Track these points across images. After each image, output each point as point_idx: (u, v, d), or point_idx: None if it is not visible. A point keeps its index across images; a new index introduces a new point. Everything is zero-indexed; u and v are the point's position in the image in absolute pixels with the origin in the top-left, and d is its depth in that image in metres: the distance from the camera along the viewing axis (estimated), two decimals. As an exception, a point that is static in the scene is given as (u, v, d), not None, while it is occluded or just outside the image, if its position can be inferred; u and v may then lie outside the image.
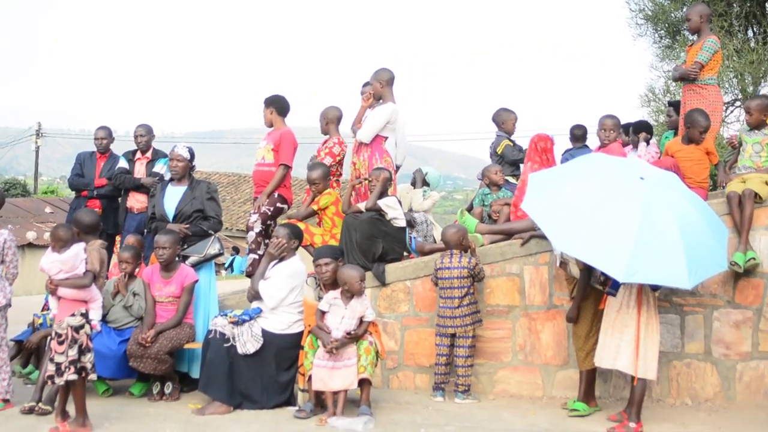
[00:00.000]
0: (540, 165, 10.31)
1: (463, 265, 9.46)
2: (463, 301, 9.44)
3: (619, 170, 8.39)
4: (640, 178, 8.08)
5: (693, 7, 11.03)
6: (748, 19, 17.97)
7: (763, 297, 9.54)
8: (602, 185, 8.10)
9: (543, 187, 8.40)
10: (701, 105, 10.31)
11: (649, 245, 7.62)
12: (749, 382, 9.56)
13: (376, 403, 8.96)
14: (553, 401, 9.62)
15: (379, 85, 10.90)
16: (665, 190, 8.14)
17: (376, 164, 10.61)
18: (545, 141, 10.66)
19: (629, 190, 7.97)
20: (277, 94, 11.19)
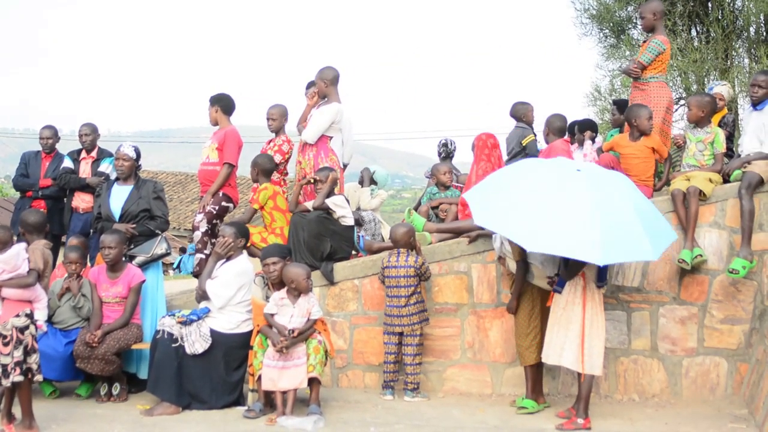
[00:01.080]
0: (487, 162, 10.35)
1: (410, 264, 9.47)
2: (410, 300, 9.45)
3: (555, 168, 8.49)
4: (577, 170, 8.22)
5: (647, 4, 11.09)
6: (691, 19, 18.15)
7: (708, 293, 9.65)
8: (546, 181, 8.18)
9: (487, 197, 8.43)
10: (646, 100, 10.41)
11: (612, 226, 7.76)
12: (695, 378, 9.67)
13: (325, 402, 8.95)
14: (502, 398, 9.66)
15: (323, 84, 10.87)
16: (601, 180, 8.29)
17: (321, 163, 10.59)
18: (493, 138, 10.72)
19: (573, 181, 8.09)
20: (223, 93, 11.14)
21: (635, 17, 18.62)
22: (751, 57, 17.96)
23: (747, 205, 9.40)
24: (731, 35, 17.68)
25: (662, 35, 10.66)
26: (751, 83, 10.02)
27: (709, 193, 9.59)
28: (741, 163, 9.76)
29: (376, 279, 9.88)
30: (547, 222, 7.82)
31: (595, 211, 7.80)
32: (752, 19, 17.47)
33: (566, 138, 11.02)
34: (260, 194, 10.41)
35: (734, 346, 9.63)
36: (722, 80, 15.16)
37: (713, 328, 9.65)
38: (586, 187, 8.02)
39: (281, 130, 11.33)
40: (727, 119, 11.21)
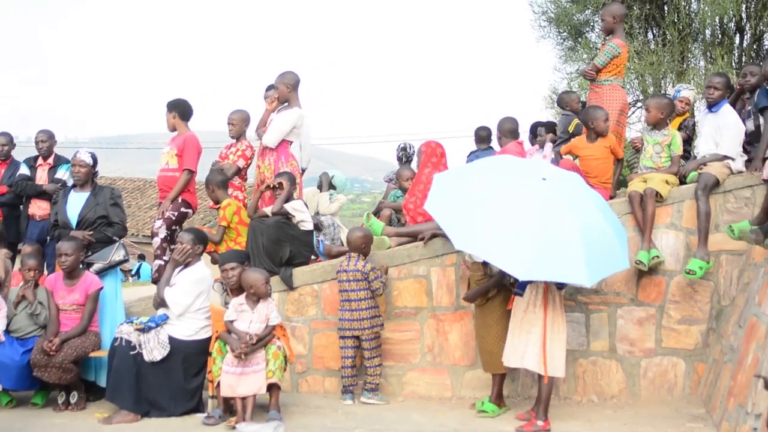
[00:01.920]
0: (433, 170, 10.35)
1: (358, 268, 9.48)
2: (360, 305, 9.45)
3: (522, 171, 8.50)
4: (542, 179, 8.21)
5: (606, 7, 11.16)
6: (647, 22, 18.31)
7: (665, 294, 9.72)
8: (504, 185, 8.20)
9: (446, 188, 8.43)
10: (600, 103, 10.48)
11: (547, 243, 7.75)
12: (653, 378, 9.73)
13: (285, 408, 8.92)
14: (462, 401, 9.67)
15: (285, 88, 10.82)
16: (568, 191, 8.29)
17: (281, 168, 10.54)
18: (442, 148, 10.75)
19: (530, 190, 8.11)
20: (180, 98, 11.07)
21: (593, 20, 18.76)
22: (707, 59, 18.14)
23: (703, 207, 9.48)
24: (687, 38, 17.85)
25: (619, 39, 10.72)
26: (707, 85, 10.13)
27: (666, 195, 9.67)
28: (697, 165, 9.85)
29: (335, 283, 9.85)
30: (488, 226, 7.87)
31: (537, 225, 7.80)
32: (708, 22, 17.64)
33: (519, 140, 11.05)
34: (226, 211, 10.33)
35: (691, 346, 9.70)
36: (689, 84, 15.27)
37: (671, 329, 9.72)
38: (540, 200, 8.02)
39: (242, 135, 11.28)
40: (688, 122, 11.31)
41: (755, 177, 9.53)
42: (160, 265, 10.39)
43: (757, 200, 9.46)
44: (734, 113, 9.94)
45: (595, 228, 8.09)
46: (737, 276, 9.64)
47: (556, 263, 7.79)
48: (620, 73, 10.83)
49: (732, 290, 9.65)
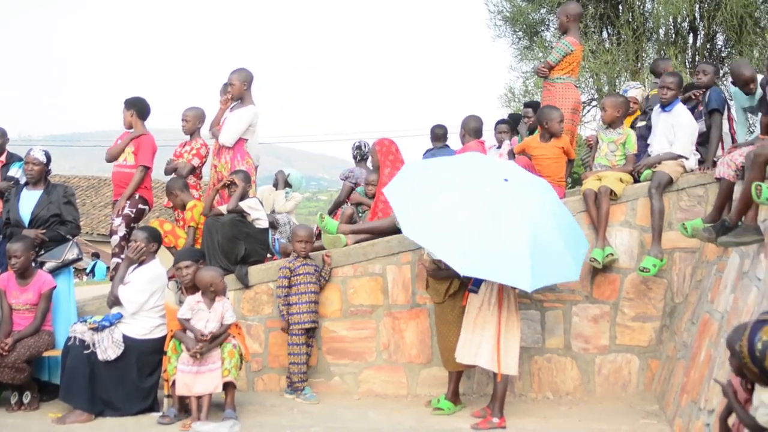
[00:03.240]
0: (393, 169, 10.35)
1: (287, 265, 9.60)
2: (301, 298, 9.53)
3: (486, 170, 8.53)
4: (504, 180, 8.25)
5: (562, 6, 11.22)
6: (602, 21, 18.43)
7: (619, 291, 9.79)
8: (463, 181, 8.24)
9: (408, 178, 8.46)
10: (552, 101, 10.55)
11: (495, 243, 7.80)
12: (608, 375, 9.80)
13: (241, 407, 8.87)
14: (417, 399, 9.68)
15: (239, 86, 10.78)
16: (527, 195, 8.34)
17: (238, 166, 10.50)
18: (394, 144, 10.76)
19: (488, 190, 8.15)
20: (138, 97, 10.99)
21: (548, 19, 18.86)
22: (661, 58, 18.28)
23: (657, 205, 9.56)
24: (641, 37, 18.00)
25: (573, 37, 10.78)
26: (660, 85, 10.20)
27: (620, 193, 9.73)
28: (651, 163, 9.92)
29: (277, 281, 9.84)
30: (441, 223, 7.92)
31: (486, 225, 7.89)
32: (662, 21, 17.80)
33: (481, 139, 11.07)
34: (194, 212, 10.28)
35: (645, 343, 9.78)
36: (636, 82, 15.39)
37: (625, 326, 9.79)
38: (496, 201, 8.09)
39: (196, 133, 11.21)
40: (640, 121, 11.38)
41: (708, 175, 9.62)
42: (118, 263, 10.32)
43: (709, 198, 9.54)
44: (687, 112, 10.03)
45: (547, 235, 8.13)
46: (690, 273, 9.73)
47: (501, 264, 7.83)
48: (573, 72, 10.89)
49: (685, 287, 9.74)
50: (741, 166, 8.28)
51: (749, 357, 4.55)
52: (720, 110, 10.08)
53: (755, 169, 7.03)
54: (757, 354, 4.50)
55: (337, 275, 9.90)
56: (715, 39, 18.64)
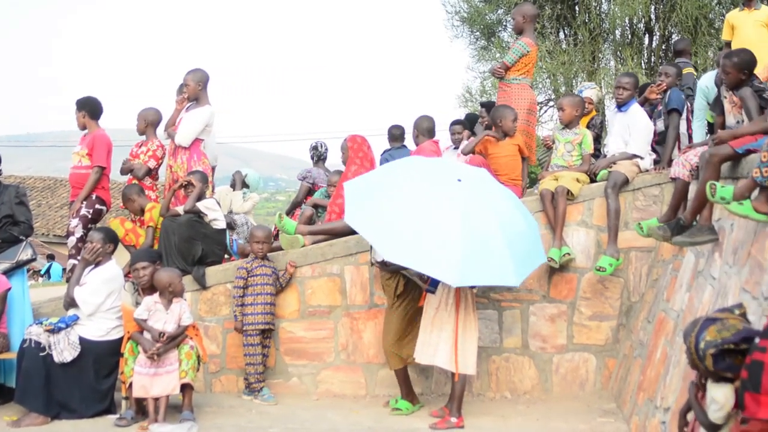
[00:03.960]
0: (360, 167, 10.34)
1: (244, 266, 9.60)
2: (257, 299, 9.53)
3: (437, 174, 8.54)
4: (457, 180, 8.28)
5: (517, 7, 11.28)
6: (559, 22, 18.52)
7: (576, 291, 9.84)
8: (422, 191, 8.24)
9: (363, 198, 8.44)
10: (508, 101, 10.59)
11: (475, 248, 7.85)
12: (565, 374, 9.85)
13: (199, 408, 8.85)
14: (376, 399, 9.68)
15: (195, 86, 10.72)
16: (482, 190, 8.39)
17: (194, 167, 10.44)
18: (367, 142, 10.76)
19: (448, 194, 8.18)
20: (89, 96, 10.90)
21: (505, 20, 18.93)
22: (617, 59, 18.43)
23: (613, 204, 9.62)
24: (598, 38, 18.11)
25: (529, 38, 10.83)
26: (616, 85, 10.28)
27: (577, 193, 9.79)
28: (607, 164, 9.99)
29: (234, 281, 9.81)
30: (415, 236, 7.89)
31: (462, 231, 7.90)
32: (618, 22, 17.92)
33: (435, 139, 11.08)
34: (153, 213, 10.21)
35: (602, 342, 9.85)
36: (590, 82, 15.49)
37: (582, 325, 9.86)
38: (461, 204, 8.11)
39: (151, 133, 11.13)
40: (595, 121, 11.49)
41: (663, 175, 9.69)
42: (74, 265, 10.23)
43: (665, 198, 9.62)
44: (643, 113, 10.12)
45: (514, 226, 8.21)
46: (646, 272, 9.80)
47: (486, 267, 7.92)
48: (529, 73, 10.94)
49: (641, 286, 9.81)
50: (696, 166, 8.35)
51: (695, 353, 4.62)
52: (679, 110, 10.16)
53: (710, 168, 7.10)
54: (699, 353, 4.58)
55: (295, 276, 9.88)
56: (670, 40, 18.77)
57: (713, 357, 4.54)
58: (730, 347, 4.50)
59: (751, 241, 6.30)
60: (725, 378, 4.62)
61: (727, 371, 4.54)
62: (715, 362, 4.54)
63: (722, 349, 4.52)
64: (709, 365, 4.56)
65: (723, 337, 4.54)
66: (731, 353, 4.52)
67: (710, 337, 4.57)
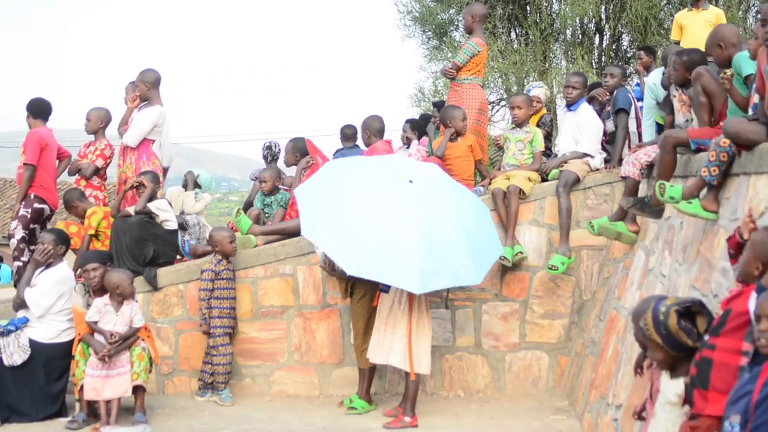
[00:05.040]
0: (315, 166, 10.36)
1: (211, 267, 9.52)
2: (223, 303, 9.50)
3: (388, 177, 8.56)
4: (409, 182, 8.31)
5: (467, 7, 11.32)
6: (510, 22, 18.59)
7: (529, 289, 9.89)
8: (376, 197, 8.27)
9: (317, 207, 8.43)
10: (459, 101, 10.63)
11: (434, 252, 7.93)
12: (518, 372, 9.90)
13: (151, 410, 8.79)
14: (330, 400, 9.66)
15: (145, 86, 10.63)
16: (434, 190, 8.44)
17: (143, 167, 10.37)
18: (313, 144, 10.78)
19: (402, 199, 8.23)
20: (36, 97, 10.79)
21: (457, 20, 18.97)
22: (568, 59, 18.52)
23: (564, 203, 9.68)
24: (549, 38, 18.19)
25: (479, 38, 10.87)
26: (565, 85, 10.36)
27: (529, 192, 9.84)
28: (558, 163, 10.05)
29: (201, 284, 9.77)
30: (374, 246, 7.98)
31: (421, 236, 7.99)
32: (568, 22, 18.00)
33: (387, 139, 11.08)
34: (92, 219, 10.11)
35: (554, 340, 9.91)
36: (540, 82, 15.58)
37: (534, 323, 9.91)
38: (416, 208, 8.20)
39: (100, 133, 11.03)
40: (545, 119, 11.55)
41: (614, 174, 9.76)
42: (19, 267, 10.13)
43: (615, 196, 9.69)
44: (592, 112, 10.20)
45: (469, 223, 8.30)
46: (597, 271, 9.88)
47: (447, 269, 8.03)
48: (480, 72, 10.98)
49: (593, 285, 9.88)
50: (645, 165, 8.45)
51: (652, 324, 4.70)
52: (626, 110, 10.23)
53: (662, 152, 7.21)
54: (660, 317, 4.66)
55: (247, 276, 9.84)
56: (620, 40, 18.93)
57: (677, 313, 4.63)
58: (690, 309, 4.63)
59: (700, 239, 6.37)
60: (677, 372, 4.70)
61: (688, 336, 4.61)
62: (678, 321, 4.61)
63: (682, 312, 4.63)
64: (672, 323, 4.61)
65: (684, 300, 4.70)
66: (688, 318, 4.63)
67: (670, 303, 4.68)
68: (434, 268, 7.91)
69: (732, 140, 5.81)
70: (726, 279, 5.47)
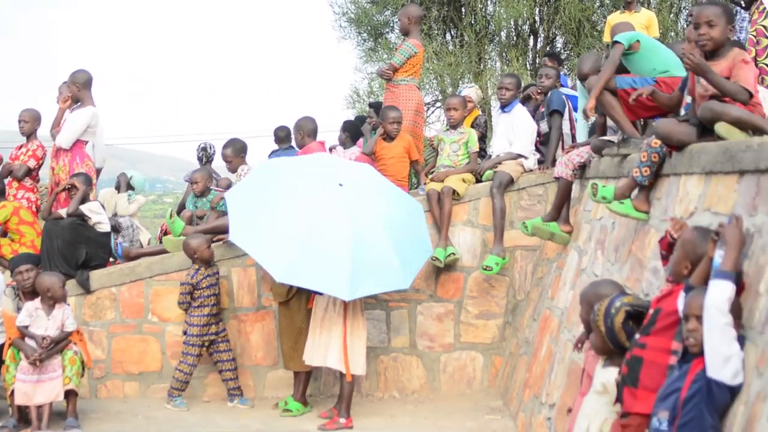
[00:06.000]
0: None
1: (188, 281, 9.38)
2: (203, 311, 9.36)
3: (318, 181, 8.55)
4: (339, 185, 8.33)
5: (403, 9, 11.33)
6: (445, 23, 18.63)
7: (463, 290, 9.93)
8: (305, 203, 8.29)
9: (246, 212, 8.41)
10: (395, 103, 10.63)
11: (363, 258, 7.98)
12: (453, 373, 9.94)
13: (84, 415, 8.70)
14: (265, 402, 9.61)
15: (75, 87, 10.50)
16: (364, 192, 8.46)
17: (77, 169, 10.25)
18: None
19: (332, 204, 8.26)
20: None
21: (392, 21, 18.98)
22: (503, 60, 18.62)
23: (499, 204, 9.73)
24: (484, 39, 18.26)
25: (415, 39, 10.88)
26: (499, 86, 10.40)
27: (463, 193, 9.88)
28: (492, 164, 10.09)
29: (134, 286, 9.69)
30: (304, 254, 8.02)
31: (351, 242, 8.04)
32: (503, 24, 18.08)
33: (320, 140, 11.05)
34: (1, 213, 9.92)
35: (489, 340, 9.96)
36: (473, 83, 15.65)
37: (469, 324, 9.95)
38: (346, 213, 8.25)
39: (33, 134, 10.90)
40: (479, 120, 11.59)
41: (547, 175, 9.83)
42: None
43: (549, 197, 9.76)
44: (526, 113, 10.25)
45: (399, 226, 8.32)
46: (531, 271, 9.94)
47: (376, 275, 8.11)
48: (416, 74, 10.99)
49: (527, 285, 9.95)
50: (578, 166, 8.52)
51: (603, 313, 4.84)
52: (560, 111, 10.30)
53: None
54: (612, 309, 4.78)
55: (181, 278, 9.75)
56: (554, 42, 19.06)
57: (626, 313, 4.73)
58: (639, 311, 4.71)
59: (632, 239, 6.44)
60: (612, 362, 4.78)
61: (627, 338, 4.71)
62: (624, 320, 4.72)
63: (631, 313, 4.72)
64: (618, 321, 4.72)
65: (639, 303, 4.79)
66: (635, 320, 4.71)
67: (627, 300, 4.79)
68: (363, 274, 7.96)
69: (663, 141, 5.87)
70: (657, 278, 5.54)
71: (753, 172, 4.38)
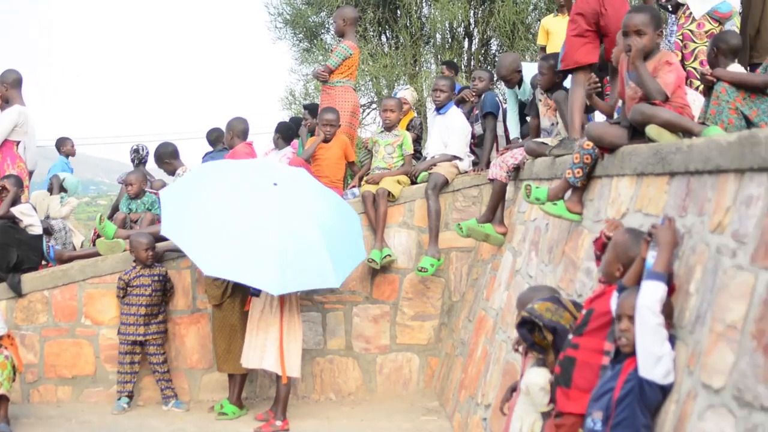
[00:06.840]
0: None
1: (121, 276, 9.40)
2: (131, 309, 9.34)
3: (252, 179, 8.54)
4: (273, 185, 8.32)
5: (338, 10, 11.33)
6: (381, 25, 18.64)
7: (399, 291, 9.96)
8: (238, 199, 8.28)
9: (179, 208, 8.38)
10: (332, 104, 10.63)
11: (294, 253, 7.95)
12: (389, 374, 9.96)
13: (15, 420, 8.60)
14: (200, 405, 9.56)
15: (4, 87, 10.37)
16: (298, 192, 8.46)
17: (7, 170, 10.11)
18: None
19: (265, 201, 8.25)
20: None
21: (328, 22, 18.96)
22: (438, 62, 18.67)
23: (434, 206, 9.77)
24: (419, 41, 18.30)
25: (351, 41, 10.89)
26: (433, 88, 10.45)
27: (398, 195, 9.91)
28: (427, 165, 10.13)
29: (67, 289, 9.58)
30: (234, 247, 8.00)
31: (280, 237, 8.05)
32: (438, 26, 18.14)
33: (248, 141, 10.99)
34: None
35: (425, 341, 10.00)
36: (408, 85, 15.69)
37: (405, 325, 9.99)
38: (278, 210, 8.26)
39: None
40: (415, 122, 11.63)
41: (482, 176, 9.90)
42: None
43: (483, 199, 9.82)
44: (460, 114, 10.30)
45: (332, 227, 8.32)
46: (467, 272, 10.00)
47: (306, 271, 8.08)
48: (352, 75, 11.00)
49: (462, 286, 10.00)
50: (512, 168, 8.59)
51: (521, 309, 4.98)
52: (494, 113, 10.37)
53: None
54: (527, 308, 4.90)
55: (114, 281, 9.65)
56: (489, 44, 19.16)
57: (522, 318, 4.83)
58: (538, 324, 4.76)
59: (565, 240, 6.50)
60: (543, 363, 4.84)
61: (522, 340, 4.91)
62: (519, 324, 4.85)
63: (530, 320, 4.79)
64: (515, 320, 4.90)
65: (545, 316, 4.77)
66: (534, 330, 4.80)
67: (537, 307, 4.82)
68: (293, 270, 7.95)
69: (595, 143, 5.93)
70: (590, 279, 5.59)
71: (683, 173, 4.44)
